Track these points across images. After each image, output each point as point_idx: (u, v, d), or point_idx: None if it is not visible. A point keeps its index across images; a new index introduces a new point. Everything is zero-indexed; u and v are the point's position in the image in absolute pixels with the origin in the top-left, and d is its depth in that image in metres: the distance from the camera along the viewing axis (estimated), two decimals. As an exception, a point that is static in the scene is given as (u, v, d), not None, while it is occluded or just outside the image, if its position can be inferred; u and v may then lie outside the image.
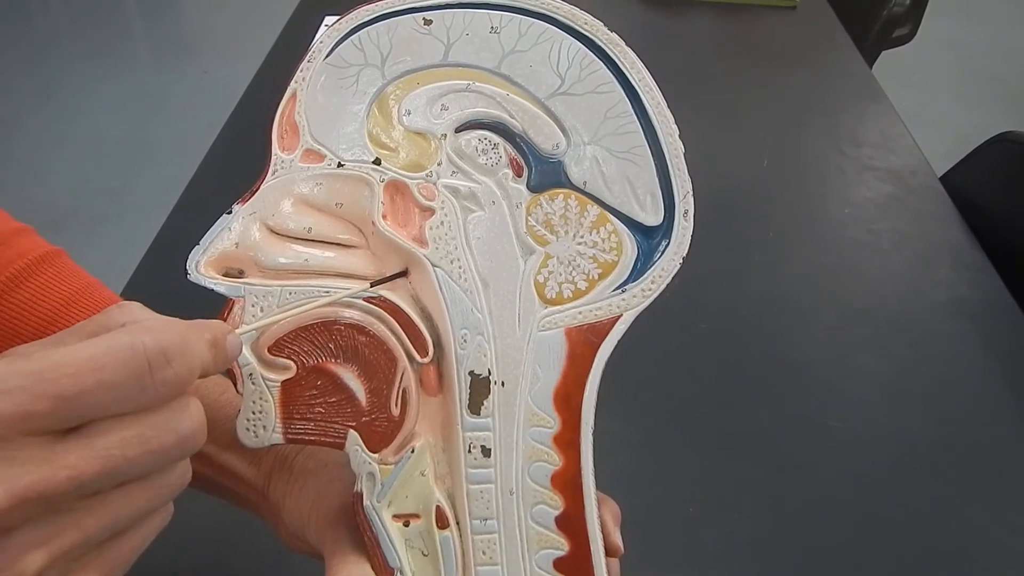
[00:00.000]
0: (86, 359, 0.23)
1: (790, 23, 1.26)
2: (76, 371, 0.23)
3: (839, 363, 0.71)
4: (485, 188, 0.34)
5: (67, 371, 0.23)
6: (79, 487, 0.23)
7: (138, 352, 0.24)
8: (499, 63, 0.34)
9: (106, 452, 0.23)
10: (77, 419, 0.23)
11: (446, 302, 0.34)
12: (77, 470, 0.23)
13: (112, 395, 0.23)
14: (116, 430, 0.24)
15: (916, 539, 0.57)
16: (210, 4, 3.09)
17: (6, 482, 0.22)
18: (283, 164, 0.34)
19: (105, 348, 0.23)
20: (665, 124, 0.34)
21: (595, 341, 0.34)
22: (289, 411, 0.33)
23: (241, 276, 0.33)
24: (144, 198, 2.01)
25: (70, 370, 0.23)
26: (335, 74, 0.34)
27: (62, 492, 0.23)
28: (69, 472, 0.23)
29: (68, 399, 0.23)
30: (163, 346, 0.24)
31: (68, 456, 0.23)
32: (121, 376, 0.23)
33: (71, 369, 0.23)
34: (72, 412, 0.23)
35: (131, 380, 0.24)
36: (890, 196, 0.91)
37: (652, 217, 0.34)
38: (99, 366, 0.23)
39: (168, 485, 0.27)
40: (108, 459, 0.24)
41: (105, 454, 0.23)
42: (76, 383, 0.23)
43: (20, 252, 0.43)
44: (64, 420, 0.23)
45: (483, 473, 0.34)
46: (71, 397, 0.23)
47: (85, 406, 0.23)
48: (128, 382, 0.24)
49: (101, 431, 0.24)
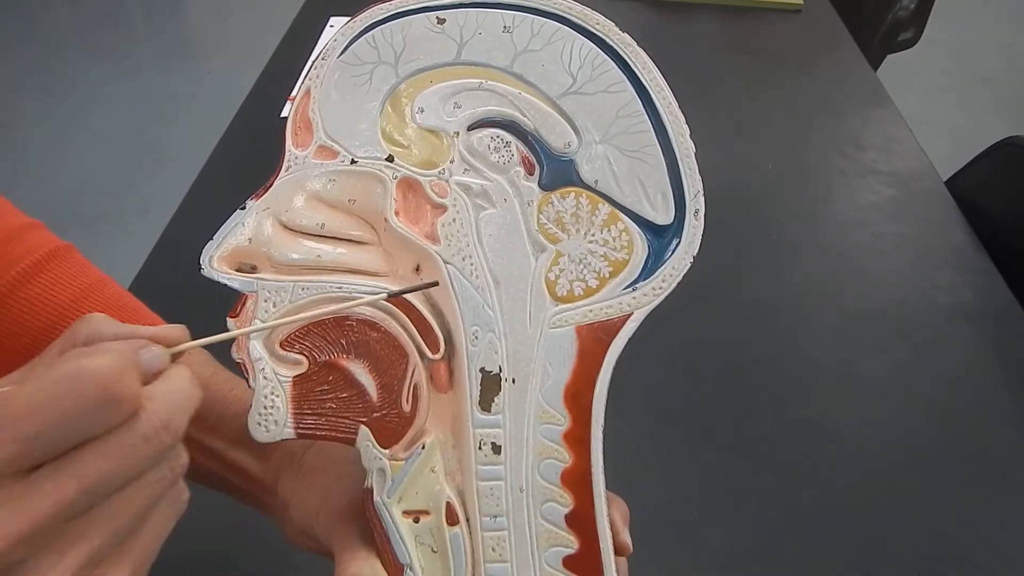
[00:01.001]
0: (40, 396, 0.24)
1: (795, 27, 1.27)
2: (31, 411, 0.23)
3: (843, 366, 0.71)
4: (497, 186, 0.34)
5: (24, 412, 0.23)
6: (68, 509, 0.24)
7: (88, 378, 0.24)
8: (511, 62, 0.34)
9: (80, 471, 0.24)
10: (51, 453, 0.24)
11: (458, 299, 0.34)
12: (59, 494, 0.23)
13: (75, 423, 0.24)
14: (85, 449, 0.24)
15: (920, 542, 0.57)
16: (215, 6, 3.09)
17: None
18: (297, 160, 0.34)
19: (52, 381, 0.24)
20: (676, 124, 0.34)
21: (605, 339, 0.34)
22: (300, 406, 0.33)
23: (254, 271, 0.33)
24: (149, 199, 2.02)
25: (27, 410, 0.23)
26: (349, 71, 0.34)
27: (53, 517, 0.23)
28: (52, 498, 0.23)
29: (33, 439, 0.23)
30: (110, 364, 0.25)
31: (45, 484, 0.23)
32: (79, 405, 0.24)
33: (27, 409, 0.23)
34: (42, 449, 0.24)
35: (90, 405, 0.24)
36: (894, 200, 0.91)
37: (663, 216, 0.35)
38: (53, 400, 0.24)
39: (162, 479, 0.27)
40: (83, 477, 0.24)
41: (80, 473, 0.24)
42: (36, 422, 0.23)
43: (31, 247, 0.43)
44: (37, 458, 0.24)
45: (493, 470, 0.34)
46: (35, 436, 0.23)
47: (53, 440, 0.24)
48: (88, 408, 0.24)
49: (73, 453, 0.24)
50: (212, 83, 2.56)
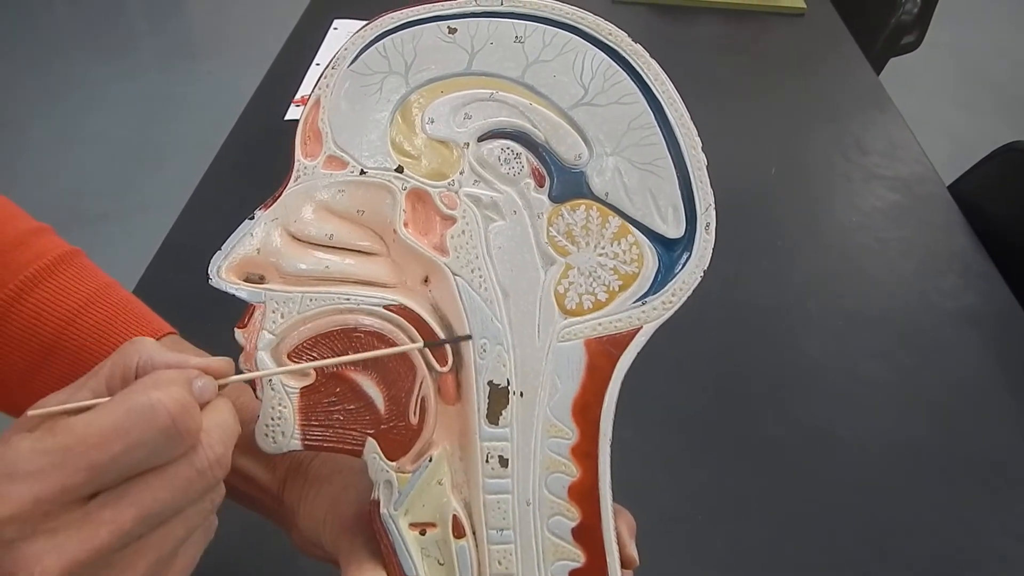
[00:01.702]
0: (111, 426, 0.24)
1: (798, 31, 1.26)
2: (102, 440, 0.24)
3: (847, 371, 0.71)
4: (507, 198, 0.34)
5: (94, 441, 0.24)
6: (122, 538, 0.24)
7: (159, 411, 0.25)
8: (523, 73, 0.34)
9: (139, 501, 0.25)
10: (113, 481, 0.25)
11: (466, 311, 0.34)
12: (116, 524, 0.24)
13: (141, 454, 0.25)
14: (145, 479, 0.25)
15: (922, 545, 0.57)
16: (217, 7, 3.08)
17: (57, 551, 0.23)
18: (306, 170, 0.34)
19: (125, 411, 0.25)
20: (688, 136, 0.34)
21: (614, 353, 0.34)
22: (308, 418, 0.33)
23: (262, 282, 0.33)
24: (152, 201, 2.02)
25: (96, 440, 0.24)
26: (359, 81, 0.34)
27: (108, 547, 0.24)
28: (109, 527, 0.24)
29: (100, 468, 0.24)
30: (179, 398, 0.26)
31: (104, 513, 0.24)
32: (147, 436, 0.25)
33: (98, 438, 0.24)
34: (106, 477, 0.24)
35: (158, 438, 0.25)
36: (898, 204, 0.91)
37: (674, 229, 0.34)
38: (123, 430, 0.24)
39: (203, 510, 0.28)
40: (140, 508, 0.25)
41: (138, 503, 0.25)
42: (105, 451, 0.24)
43: (39, 252, 0.43)
44: (100, 485, 0.24)
45: (500, 483, 0.34)
46: (103, 465, 0.24)
47: (118, 469, 0.24)
48: (155, 440, 0.25)
49: (131, 483, 0.25)
50: (213, 83, 2.56)
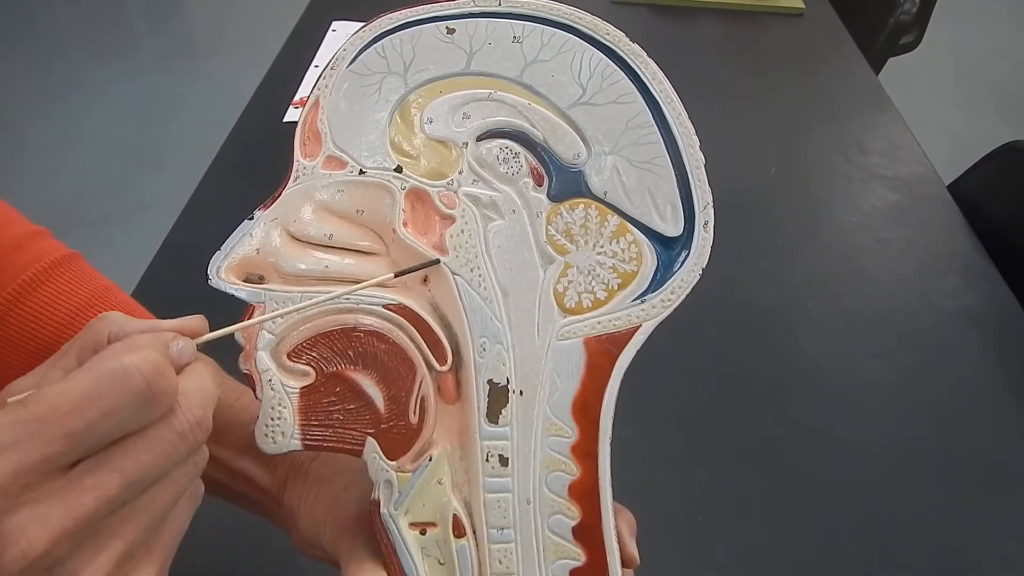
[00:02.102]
0: (84, 392, 0.24)
1: (797, 31, 1.27)
2: (77, 406, 0.24)
3: (847, 371, 0.71)
4: (506, 197, 0.34)
5: (68, 408, 0.23)
6: (107, 504, 0.24)
7: (132, 374, 0.24)
8: (521, 72, 0.34)
9: (121, 467, 0.24)
10: (91, 449, 0.24)
11: (465, 310, 0.34)
12: (100, 490, 0.24)
13: (117, 419, 0.24)
14: (125, 444, 0.25)
15: (923, 545, 0.57)
16: (217, 8, 3.09)
17: (43, 521, 0.23)
18: (305, 170, 0.34)
19: (96, 377, 0.24)
20: (686, 135, 0.34)
21: (614, 351, 0.34)
22: (307, 417, 0.33)
23: (262, 282, 0.33)
24: (152, 201, 2.02)
25: (71, 407, 0.23)
26: (358, 81, 0.34)
27: (94, 513, 0.24)
28: (94, 493, 0.24)
29: (77, 434, 0.23)
30: (152, 360, 0.25)
31: (87, 480, 0.24)
32: (122, 400, 0.24)
33: (71, 406, 0.24)
34: (84, 445, 0.24)
35: (133, 401, 0.24)
36: (898, 204, 0.91)
37: (672, 228, 0.34)
38: (97, 396, 0.24)
39: (187, 473, 0.27)
40: (124, 473, 0.24)
41: (120, 469, 0.24)
42: (80, 418, 0.23)
43: (36, 256, 0.43)
44: (79, 453, 0.24)
45: (500, 482, 0.34)
46: (80, 432, 0.24)
47: (95, 436, 0.24)
48: (131, 404, 0.24)
49: (112, 449, 0.25)
50: (212, 84, 2.56)
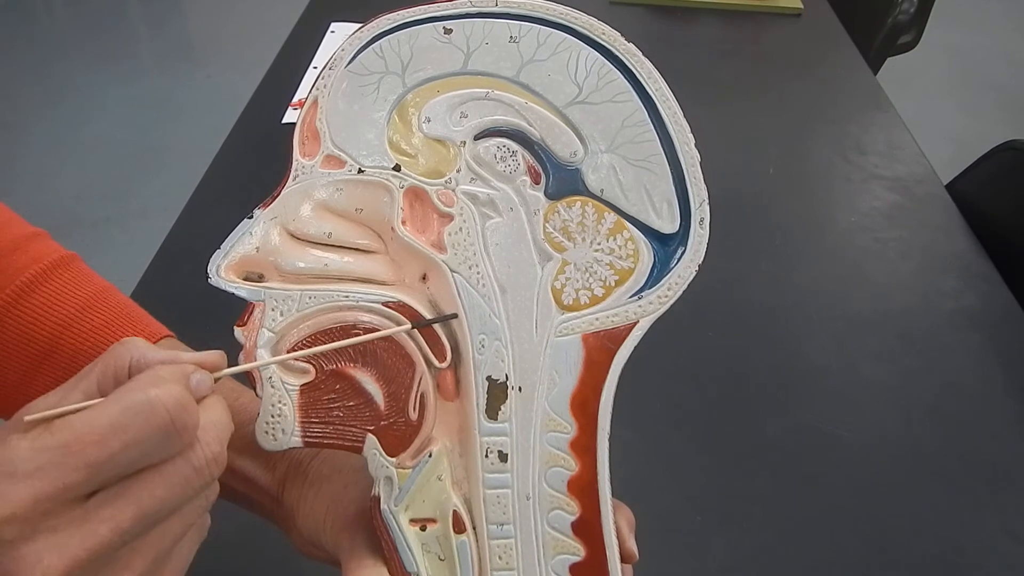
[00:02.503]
0: (109, 423, 0.24)
1: (795, 31, 1.27)
2: (101, 437, 0.24)
3: (846, 371, 0.71)
4: (503, 195, 0.34)
5: (92, 439, 0.24)
6: (122, 536, 0.24)
7: (157, 408, 0.25)
8: (518, 72, 0.34)
9: (137, 499, 0.25)
10: (110, 480, 0.25)
11: (464, 307, 0.34)
12: (115, 522, 0.24)
13: (139, 452, 0.25)
14: (143, 477, 0.25)
15: (924, 546, 0.57)
16: (216, 11, 3.10)
17: (58, 549, 0.23)
18: (304, 169, 0.34)
19: (123, 409, 0.25)
20: (681, 133, 0.35)
21: (612, 347, 0.34)
22: (308, 415, 0.33)
23: (261, 280, 0.34)
24: (151, 203, 2.02)
25: (95, 437, 0.24)
26: (356, 81, 0.34)
27: (108, 545, 0.24)
28: (109, 525, 0.24)
29: (99, 465, 0.24)
30: (177, 396, 0.25)
31: (104, 511, 0.24)
32: (145, 433, 0.25)
33: (96, 436, 0.24)
34: (105, 475, 0.24)
35: (157, 435, 0.25)
36: (896, 205, 0.91)
37: (668, 225, 0.35)
38: (122, 428, 0.24)
39: (198, 507, 0.28)
40: (139, 505, 0.25)
41: (137, 501, 0.25)
42: (103, 449, 0.24)
43: (35, 257, 0.44)
44: (99, 483, 0.24)
45: (500, 478, 0.34)
46: (102, 463, 0.24)
47: (116, 467, 0.24)
48: (154, 437, 0.25)
49: (130, 481, 0.25)
50: (211, 87, 2.57)
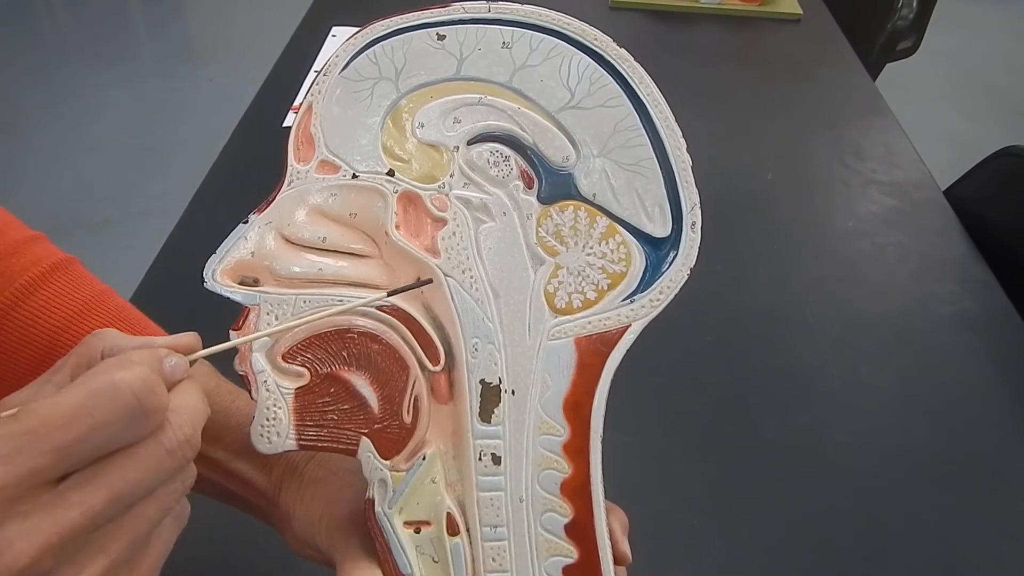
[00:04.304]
0: (74, 407, 0.24)
1: (795, 36, 1.27)
2: (67, 421, 0.24)
3: (843, 374, 0.71)
4: (496, 199, 0.35)
5: (58, 423, 0.24)
6: (93, 519, 0.24)
7: (123, 389, 0.25)
8: (511, 77, 0.35)
9: (108, 482, 0.25)
10: (79, 463, 0.24)
11: (457, 311, 0.34)
12: (87, 505, 0.24)
13: (106, 434, 0.24)
14: (113, 460, 0.25)
15: (920, 550, 0.58)
16: (217, 13, 3.11)
17: (28, 535, 0.23)
18: (299, 175, 0.34)
19: (88, 392, 0.24)
20: (673, 138, 0.35)
21: (604, 350, 0.35)
22: (302, 418, 0.33)
23: (256, 285, 0.34)
24: (151, 206, 2.03)
25: (61, 421, 0.24)
26: (350, 87, 0.34)
27: (80, 528, 0.24)
28: (80, 508, 0.24)
29: (66, 449, 0.24)
30: (143, 376, 0.25)
31: (74, 495, 0.24)
32: (112, 416, 0.24)
33: (62, 420, 0.24)
34: (73, 459, 0.24)
35: (123, 417, 0.25)
36: (894, 209, 0.91)
37: (660, 229, 0.35)
38: (87, 411, 0.24)
39: (174, 491, 0.27)
40: (111, 489, 0.25)
41: (108, 484, 0.25)
42: (70, 432, 0.24)
43: (34, 260, 0.44)
44: (67, 467, 0.24)
45: (493, 480, 0.34)
46: (68, 446, 0.24)
47: (84, 451, 0.24)
48: (120, 419, 0.25)
49: (100, 465, 0.25)
50: (213, 89, 2.57)
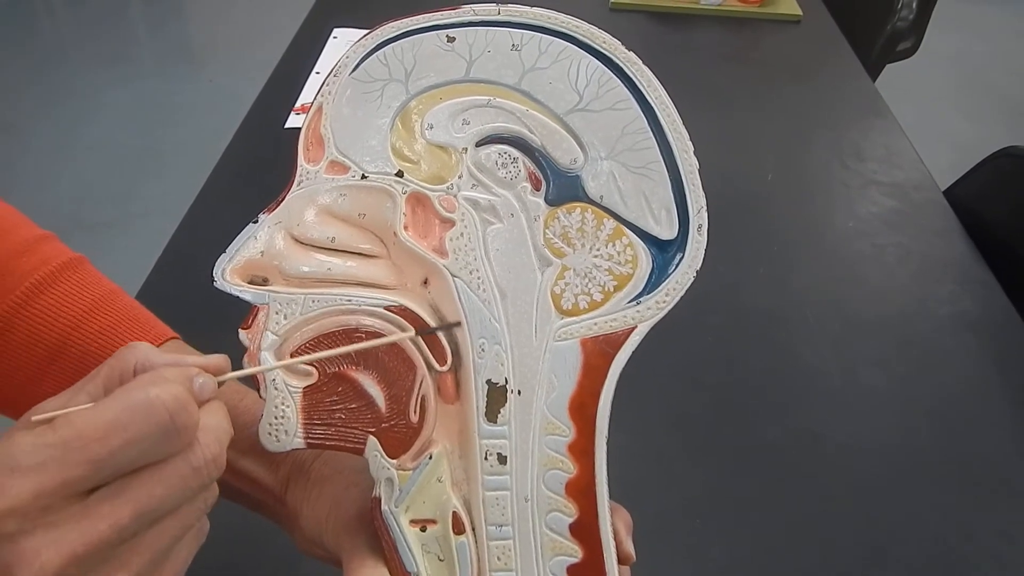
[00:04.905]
0: (110, 421, 0.25)
1: (795, 37, 1.28)
2: (103, 434, 0.24)
3: (843, 375, 0.71)
4: (504, 201, 0.35)
5: (94, 435, 0.24)
6: (120, 533, 0.25)
7: (157, 406, 0.25)
8: (519, 80, 0.35)
9: (136, 497, 0.25)
10: (110, 477, 0.25)
11: (465, 312, 0.35)
12: (114, 518, 0.25)
13: (139, 449, 0.25)
14: (142, 475, 0.26)
15: (920, 551, 0.58)
16: (217, 14, 3.11)
17: (56, 544, 0.23)
18: (308, 175, 0.35)
19: (124, 407, 0.25)
20: (680, 141, 0.35)
21: (610, 352, 0.35)
22: (310, 416, 0.34)
23: (265, 284, 0.34)
24: (153, 206, 2.03)
25: (97, 434, 0.24)
26: (360, 88, 0.35)
27: (107, 541, 0.24)
28: (108, 521, 0.24)
29: (100, 462, 0.24)
30: (177, 395, 0.26)
31: (103, 507, 0.25)
32: (145, 431, 0.25)
33: (97, 433, 0.24)
34: (105, 472, 0.25)
35: (156, 433, 0.25)
36: (894, 210, 0.92)
37: (667, 231, 0.35)
38: (122, 425, 0.25)
39: (197, 509, 0.28)
40: (138, 503, 0.25)
41: (135, 499, 0.25)
42: (104, 446, 0.24)
43: (44, 259, 0.44)
44: (98, 480, 0.25)
45: (499, 480, 0.35)
46: (102, 459, 0.24)
47: (116, 464, 0.25)
48: (153, 435, 0.25)
49: (129, 479, 0.25)
50: (214, 91, 2.57)
